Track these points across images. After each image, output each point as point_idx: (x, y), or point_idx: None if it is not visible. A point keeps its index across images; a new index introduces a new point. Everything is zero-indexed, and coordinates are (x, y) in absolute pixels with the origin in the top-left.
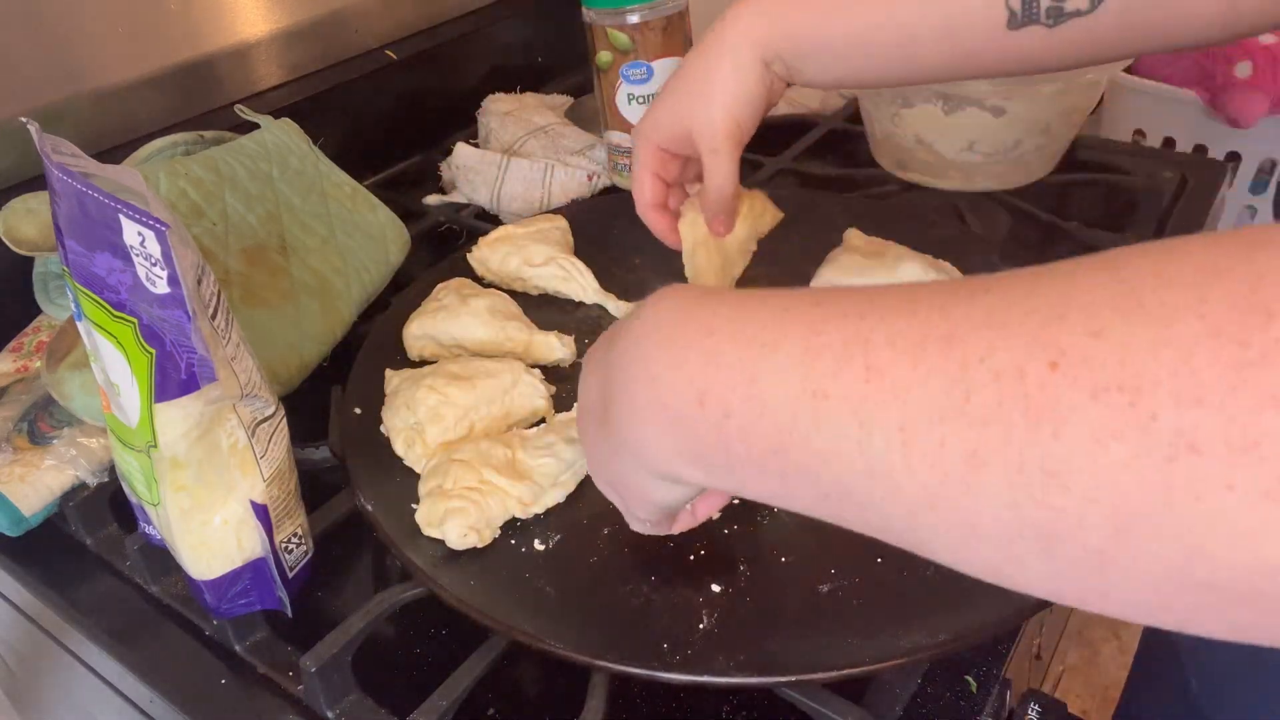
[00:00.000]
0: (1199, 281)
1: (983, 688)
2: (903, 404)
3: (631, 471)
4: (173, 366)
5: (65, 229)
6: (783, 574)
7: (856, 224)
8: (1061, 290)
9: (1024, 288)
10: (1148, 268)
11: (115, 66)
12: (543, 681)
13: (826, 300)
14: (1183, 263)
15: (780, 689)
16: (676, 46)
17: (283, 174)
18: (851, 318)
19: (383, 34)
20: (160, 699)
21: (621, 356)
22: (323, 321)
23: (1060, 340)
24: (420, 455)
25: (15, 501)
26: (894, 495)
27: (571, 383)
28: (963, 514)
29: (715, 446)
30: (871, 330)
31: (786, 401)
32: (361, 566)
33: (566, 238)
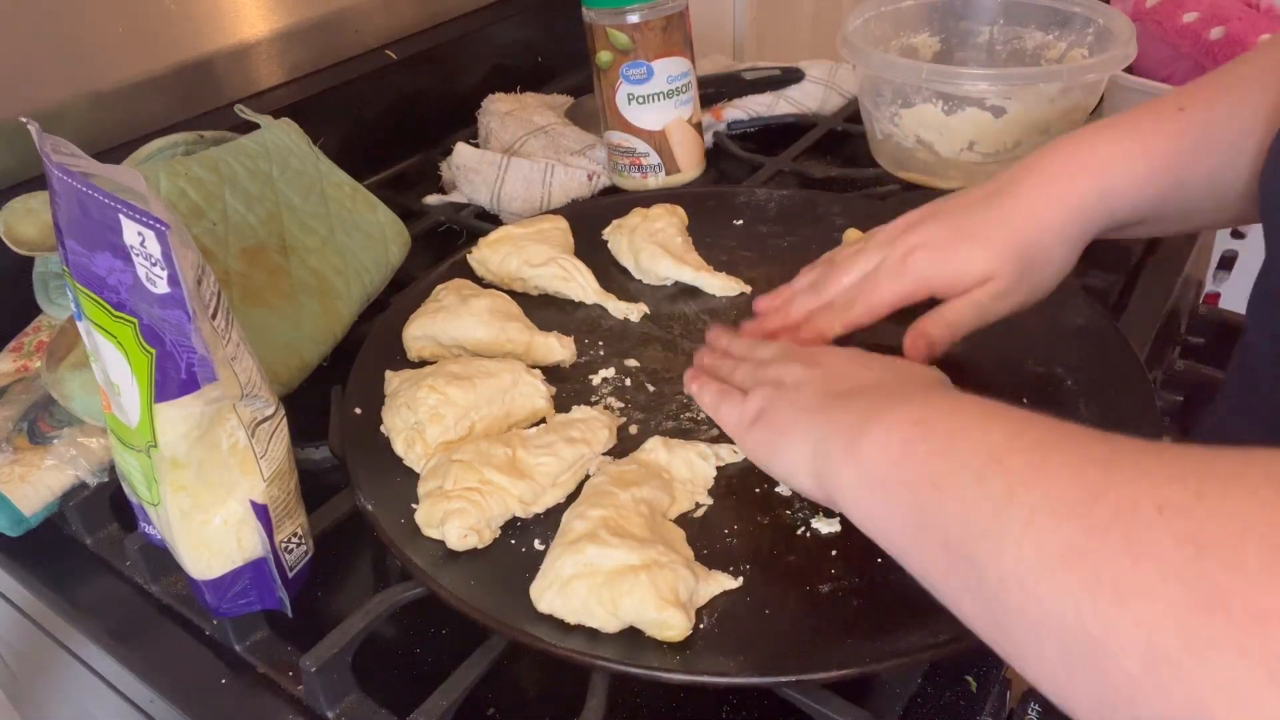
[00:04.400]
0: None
1: (983, 688)
2: (1044, 492)
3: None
4: (173, 366)
5: (65, 229)
6: (783, 574)
7: (856, 224)
8: (1192, 458)
9: (1174, 450)
10: (1265, 465)
11: (115, 66)
12: (543, 681)
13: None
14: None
15: (780, 689)
16: (676, 46)
17: (283, 174)
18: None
19: (383, 34)
20: (160, 699)
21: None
22: (323, 321)
23: (1173, 493)
24: (420, 455)
25: (15, 501)
26: (997, 559)
27: (571, 383)
28: (1038, 601)
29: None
30: (1053, 445)
31: (970, 454)
32: (361, 566)
33: (566, 238)
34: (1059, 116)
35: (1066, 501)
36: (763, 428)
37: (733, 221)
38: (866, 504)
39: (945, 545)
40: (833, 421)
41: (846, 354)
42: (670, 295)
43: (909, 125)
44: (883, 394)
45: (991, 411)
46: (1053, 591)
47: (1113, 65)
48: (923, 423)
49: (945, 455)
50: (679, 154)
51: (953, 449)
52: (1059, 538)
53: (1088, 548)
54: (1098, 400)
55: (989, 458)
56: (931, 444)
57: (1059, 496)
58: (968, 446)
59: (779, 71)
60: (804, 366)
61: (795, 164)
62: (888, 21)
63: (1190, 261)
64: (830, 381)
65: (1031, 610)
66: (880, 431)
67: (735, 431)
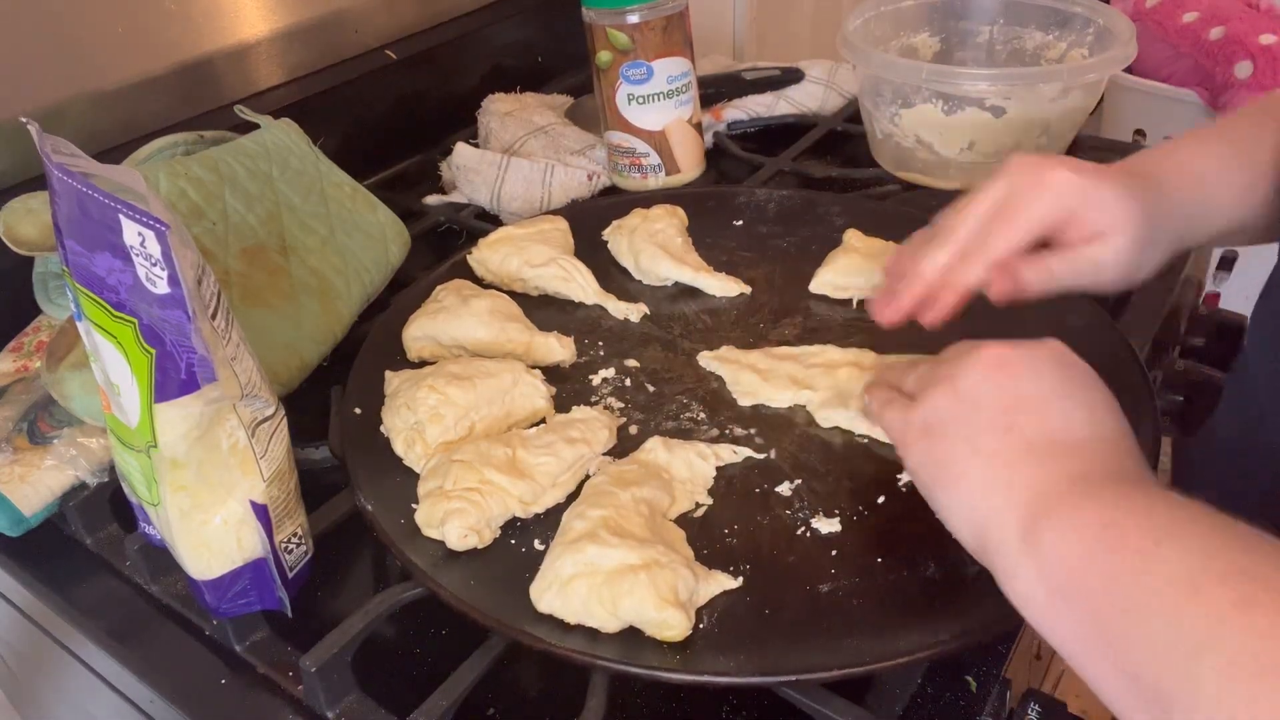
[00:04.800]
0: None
1: (983, 688)
2: (1245, 642)
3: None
4: (173, 366)
5: (65, 229)
6: (783, 574)
7: (856, 224)
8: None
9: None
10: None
11: (115, 66)
12: (543, 681)
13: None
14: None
15: (780, 689)
16: (676, 46)
17: (283, 174)
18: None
19: (383, 34)
20: (160, 699)
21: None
22: (323, 321)
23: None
24: (420, 455)
25: (15, 501)
26: (1188, 703)
27: (571, 383)
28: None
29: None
30: (1255, 573)
31: (1166, 581)
32: (361, 566)
33: (567, 238)
34: (1059, 116)
35: (1267, 662)
36: (930, 449)
37: (733, 222)
38: (1040, 604)
39: (1127, 671)
40: (1013, 486)
41: (1045, 361)
42: (670, 295)
43: (909, 125)
44: (1074, 464)
45: (1189, 520)
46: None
47: (1113, 65)
48: (1114, 526)
49: (1138, 575)
50: (679, 154)
51: (1147, 569)
52: (1259, 701)
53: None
54: None
55: (1187, 587)
56: (1122, 558)
57: (1261, 650)
58: (1163, 570)
59: (779, 71)
60: (990, 371)
61: (795, 164)
62: (888, 21)
63: (1190, 262)
64: (1018, 412)
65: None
66: (1066, 527)
67: (899, 439)
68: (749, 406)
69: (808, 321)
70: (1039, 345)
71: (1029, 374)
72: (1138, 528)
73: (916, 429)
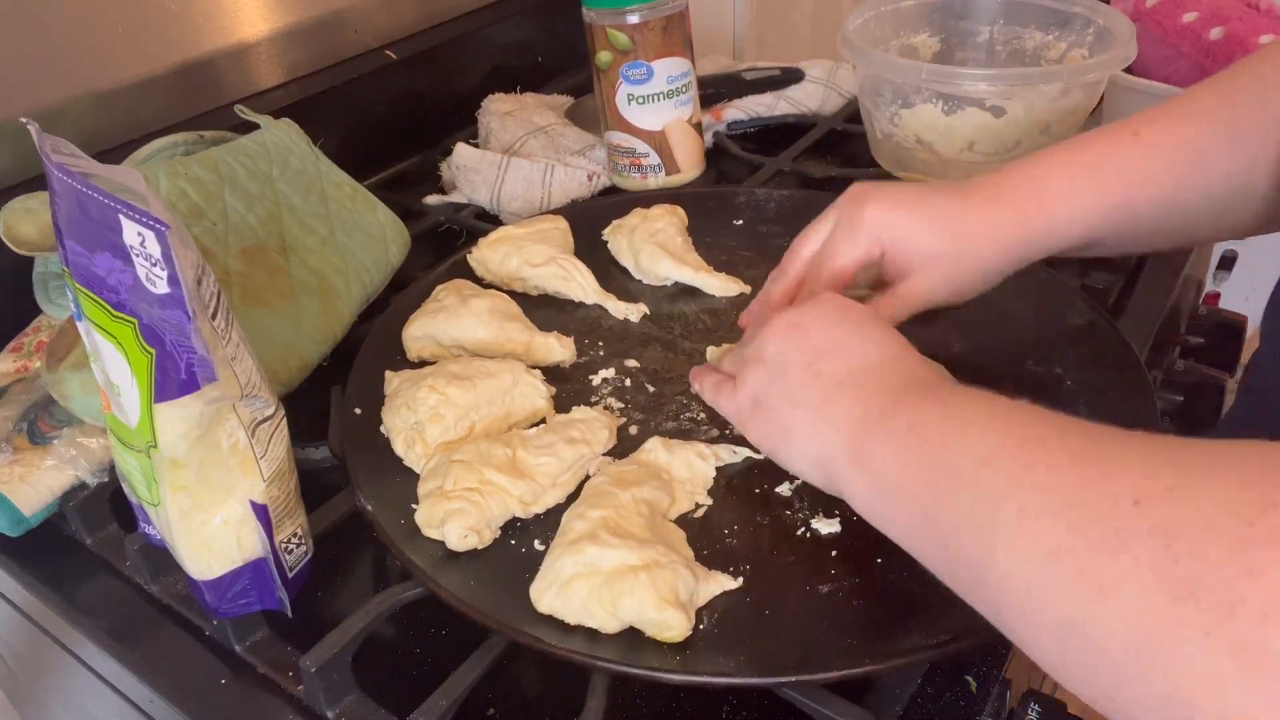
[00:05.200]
0: (1257, 478)
1: (982, 688)
2: (1031, 493)
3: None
4: (173, 366)
5: (65, 229)
6: (783, 574)
7: None
8: (1173, 451)
9: (1157, 443)
10: (1239, 455)
11: (115, 66)
12: (543, 681)
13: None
14: (1253, 462)
15: (780, 689)
16: (676, 46)
17: (283, 174)
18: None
19: (383, 34)
20: (160, 699)
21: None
22: (323, 321)
23: (1149, 486)
24: (420, 455)
25: (15, 501)
26: (992, 559)
27: (571, 383)
28: (1031, 597)
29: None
30: (1040, 443)
31: (962, 458)
32: (361, 566)
33: (566, 238)
34: (1059, 116)
35: (1052, 500)
36: (763, 421)
37: (733, 221)
38: (879, 511)
39: (947, 548)
40: (834, 420)
41: (827, 313)
42: (670, 295)
43: (909, 125)
44: (875, 387)
45: (980, 409)
46: (1043, 587)
47: (1113, 65)
48: (916, 428)
49: (940, 462)
50: (679, 154)
51: (946, 455)
52: (1046, 536)
53: (1072, 544)
54: (1098, 400)
55: (980, 461)
56: (927, 450)
57: (1045, 496)
58: (960, 451)
59: (779, 71)
60: (784, 334)
61: (795, 164)
62: (888, 21)
63: (1190, 261)
64: (819, 361)
65: (1026, 605)
66: (878, 442)
67: (737, 421)
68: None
69: None
70: (817, 301)
71: (818, 326)
72: (939, 423)
73: (746, 408)
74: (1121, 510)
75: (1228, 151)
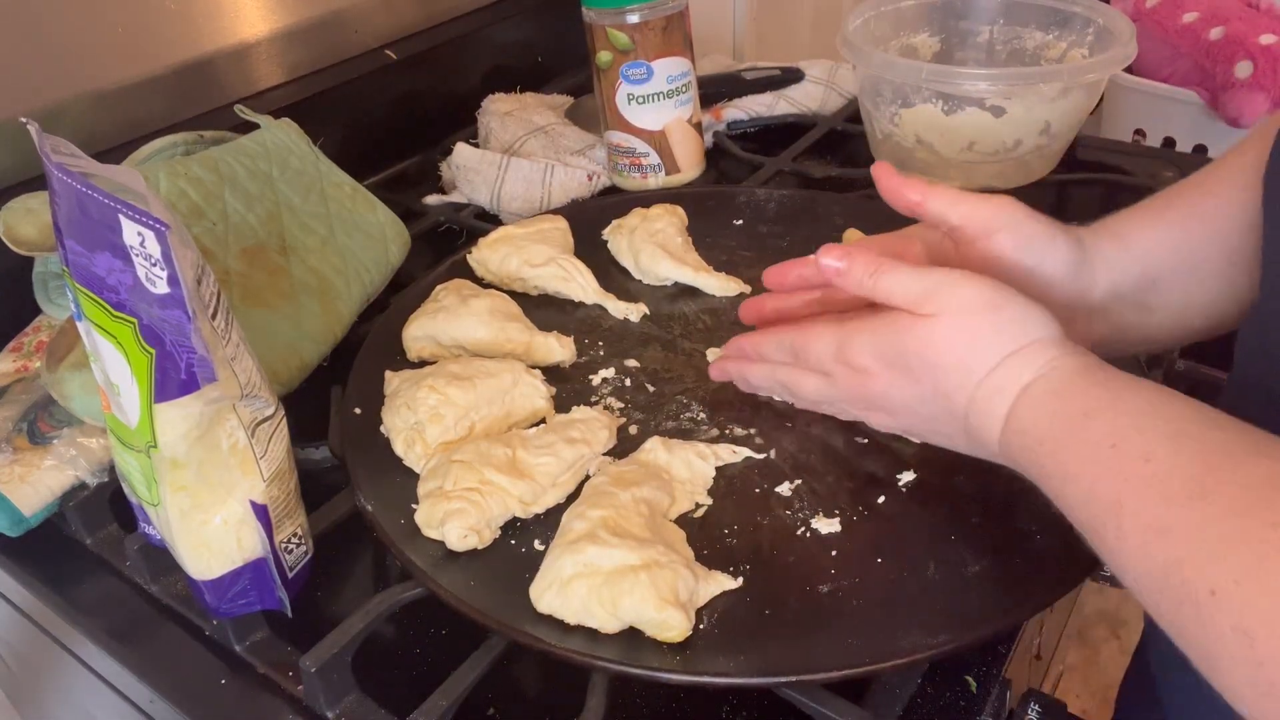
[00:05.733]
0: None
1: (983, 688)
2: (1128, 562)
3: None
4: (173, 366)
5: (65, 229)
6: (783, 574)
7: (856, 224)
8: (1251, 520)
9: (1239, 506)
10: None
11: (115, 66)
12: (543, 681)
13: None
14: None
15: (780, 689)
16: (676, 46)
17: (283, 174)
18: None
19: (383, 34)
20: (160, 699)
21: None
22: (323, 321)
23: (1219, 575)
24: (420, 455)
25: (15, 501)
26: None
27: (571, 383)
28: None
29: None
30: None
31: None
32: (361, 566)
33: (566, 238)
34: (1059, 116)
35: (1151, 583)
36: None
37: (733, 221)
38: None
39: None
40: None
41: (891, 387)
42: (670, 295)
43: (909, 125)
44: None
45: (1090, 435)
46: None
47: (1113, 65)
48: (1041, 451)
49: (1059, 480)
50: (679, 154)
51: (1062, 483)
52: (1160, 610)
53: (1179, 625)
54: None
55: (1083, 502)
56: (1045, 467)
57: (1147, 575)
58: (1073, 484)
59: (779, 71)
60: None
61: (795, 164)
62: (887, 21)
63: None
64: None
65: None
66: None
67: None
68: (748, 405)
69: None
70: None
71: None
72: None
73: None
74: (1201, 599)
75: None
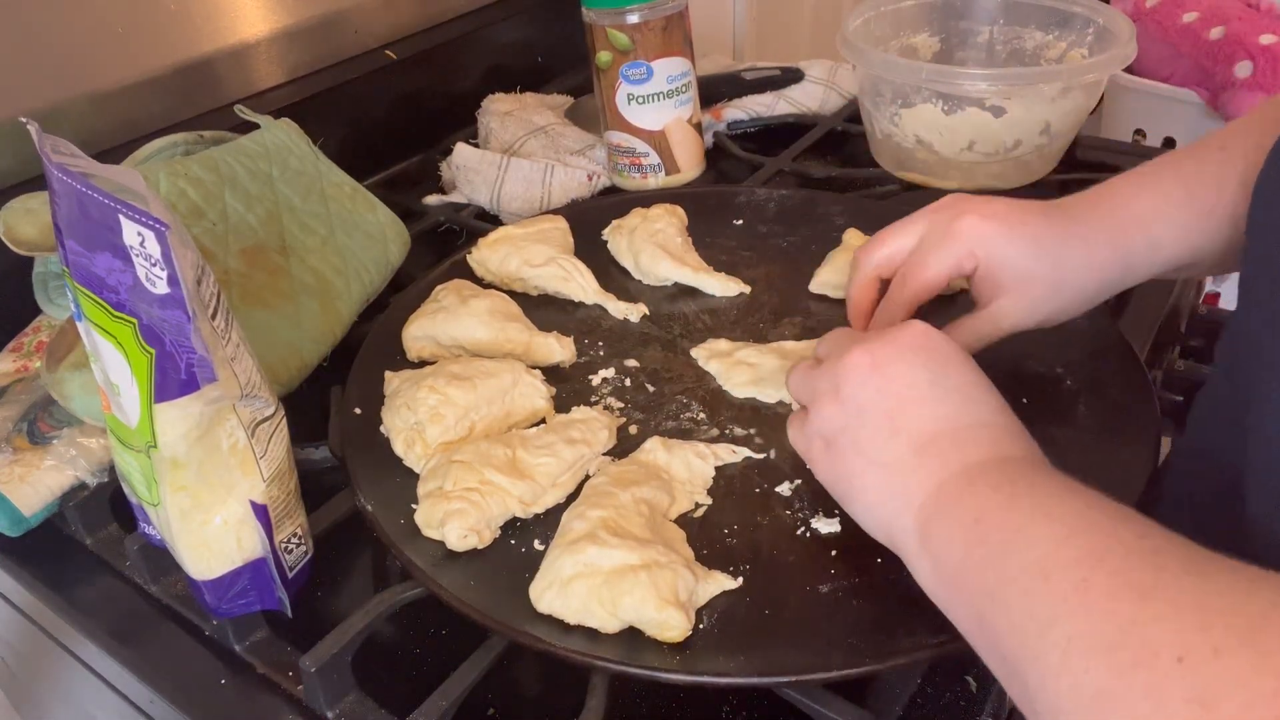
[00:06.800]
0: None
1: (983, 688)
2: (1081, 625)
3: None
4: (172, 367)
5: (65, 229)
6: (783, 574)
7: (856, 224)
8: (1227, 594)
9: (1215, 577)
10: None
11: (115, 66)
12: (543, 681)
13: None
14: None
15: (780, 689)
16: (676, 46)
17: (283, 174)
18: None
19: (383, 34)
20: (160, 699)
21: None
22: (323, 321)
23: (1195, 643)
24: (420, 455)
25: (15, 501)
26: (1039, 685)
27: (571, 383)
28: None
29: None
30: (1098, 560)
31: (1020, 569)
32: (361, 566)
33: (566, 238)
34: (1059, 116)
35: (1098, 638)
36: (833, 463)
37: (733, 221)
38: (937, 595)
39: (1002, 657)
40: (907, 491)
41: (914, 353)
42: (670, 295)
43: (909, 125)
44: (952, 459)
45: (1046, 505)
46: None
47: (1113, 65)
48: (980, 522)
49: (998, 565)
50: (679, 154)
51: (1005, 559)
52: (1090, 679)
53: (1113, 692)
54: (1098, 400)
55: (1037, 573)
56: (988, 549)
57: (1093, 628)
58: (1018, 558)
59: (779, 71)
60: (865, 374)
61: (795, 164)
62: (887, 21)
63: None
64: (899, 414)
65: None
66: (944, 528)
67: (804, 455)
68: (747, 405)
69: (807, 321)
70: (903, 331)
71: (903, 369)
72: (1000, 516)
73: (817, 444)
74: (1163, 667)
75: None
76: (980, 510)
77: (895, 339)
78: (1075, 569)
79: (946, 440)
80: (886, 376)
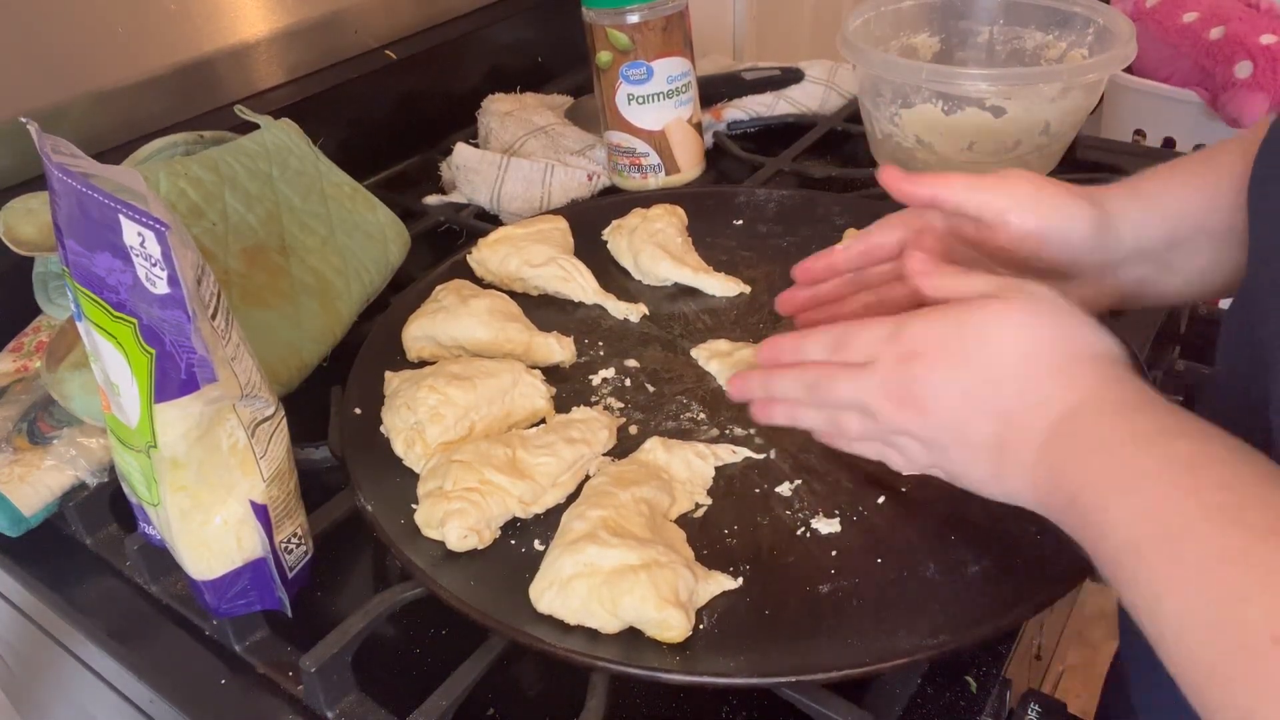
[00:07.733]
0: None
1: (983, 688)
2: (1182, 603)
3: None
4: (172, 367)
5: (65, 229)
6: (783, 574)
7: (856, 224)
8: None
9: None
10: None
11: (115, 66)
12: (543, 681)
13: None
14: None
15: (780, 689)
16: (676, 46)
17: (283, 174)
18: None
19: (383, 34)
20: (160, 699)
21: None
22: (323, 321)
23: None
24: (420, 455)
25: (15, 501)
26: (1160, 644)
27: (571, 383)
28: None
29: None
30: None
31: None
32: (361, 566)
33: (566, 238)
34: (1059, 117)
35: (1198, 618)
36: (935, 470)
37: (733, 221)
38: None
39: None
40: (1007, 482)
41: (942, 375)
42: (670, 295)
43: (909, 125)
44: (1039, 436)
45: (1146, 466)
46: (1202, 697)
47: (1113, 65)
48: (1085, 491)
49: (1104, 537)
50: (679, 154)
51: (1106, 533)
52: (1201, 657)
53: (1224, 673)
54: None
55: (1131, 550)
56: (1092, 525)
57: (1193, 607)
58: (1117, 528)
59: (779, 71)
60: (897, 408)
61: (795, 164)
62: (887, 21)
63: None
64: (942, 445)
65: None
66: (1050, 498)
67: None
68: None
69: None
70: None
71: (945, 396)
72: (1101, 490)
73: (916, 465)
74: (1261, 646)
75: None
76: (1081, 483)
77: (918, 355)
78: (1165, 546)
79: (992, 457)
80: (920, 403)
